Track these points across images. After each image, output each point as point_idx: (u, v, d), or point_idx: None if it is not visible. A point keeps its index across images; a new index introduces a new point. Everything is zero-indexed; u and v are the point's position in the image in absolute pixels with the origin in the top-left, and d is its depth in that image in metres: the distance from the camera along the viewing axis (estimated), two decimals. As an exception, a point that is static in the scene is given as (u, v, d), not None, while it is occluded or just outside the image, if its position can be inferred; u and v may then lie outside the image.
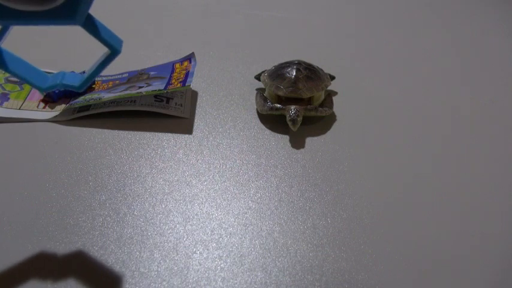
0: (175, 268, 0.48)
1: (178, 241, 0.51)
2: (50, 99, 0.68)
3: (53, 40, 0.83)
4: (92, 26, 0.40)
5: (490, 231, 0.53)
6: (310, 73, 0.67)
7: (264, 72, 0.72)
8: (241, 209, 0.54)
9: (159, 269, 0.48)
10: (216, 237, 0.51)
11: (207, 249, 0.50)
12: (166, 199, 0.55)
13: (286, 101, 0.66)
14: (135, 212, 0.53)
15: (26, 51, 0.79)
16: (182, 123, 0.66)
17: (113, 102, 0.66)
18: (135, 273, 0.47)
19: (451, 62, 0.83)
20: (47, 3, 0.36)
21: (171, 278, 0.47)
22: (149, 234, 0.51)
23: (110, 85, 0.70)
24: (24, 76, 0.44)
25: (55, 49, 0.81)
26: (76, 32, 0.85)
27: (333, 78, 0.74)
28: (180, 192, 0.56)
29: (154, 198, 0.55)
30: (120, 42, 0.43)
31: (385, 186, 0.58)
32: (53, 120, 0.65)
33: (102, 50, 0.81)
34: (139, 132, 0.64)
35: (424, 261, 0.49)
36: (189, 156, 0.61)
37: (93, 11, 0.93)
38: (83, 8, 0.38)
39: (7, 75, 0.72)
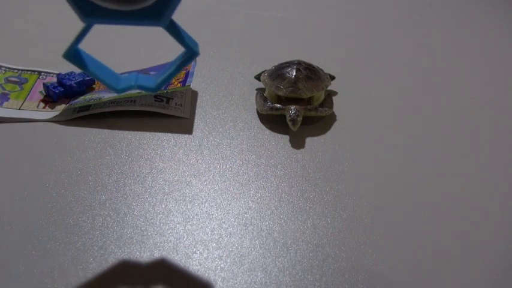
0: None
1: (178, 241, 0.51)
2: (50, 99, 0.68)
3: (53, 40, 0.83)
4: (174, 29, 0.41)
5: (490, 231, 0.53)
6: (310, 73, 0.67)
7: (264, 72, 0.72)
8: (241, 209, 0.54)
9: (159, 269, 0.48)
10: (216, 237, 0.51)
11: (207, 249, 0.50)
12: (166, 199, 0.55)
13: (286, 101, 0.66)
14: (135, 212, 0.53)
15: (26, 50, 0.79)
16: (182, 123, 0.66)
17: (113, 102, 0.66)
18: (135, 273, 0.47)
19: (451, 61, 0.83)
20: (139, 3, 0.37)
21: (171, 278, 0.47)
22: (149, 234, 0.51)
23: (110, 85, 0.70)
24: (102, 77, 0.43)
25: (55, 49, 0.81)
26: (76, 32, 0.85)
27: (333, 78, 0.74)
28: (180, 192, 0.56)
29: (154, 198, 0.55)
30: (197, 44, 0.43)
31: (385, 186, 0.58)
32: (53, 120, 0.65)
33: (101, 51, 0.81)
34: (139, 132, 0.64)
35: (424, 261, 0.49)
36: (189, 156, 0.61)
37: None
38: (170, 10, 0.38)
39: (7, 75, 0.72)
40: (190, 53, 0.42)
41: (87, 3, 0.37)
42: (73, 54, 0.41)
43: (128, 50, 0.81)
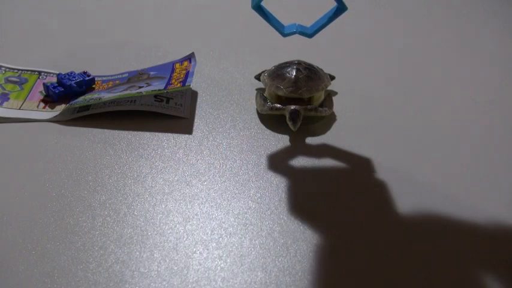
0: (175, 268, 0.48)
1: (178, 241, 0.51)
2: (50, 99, 0.68)
3: (53, 40, 0.83)
4: None
5: (491, 231, 0.53)
6: (310, 73, 0.67)
7: (264, 72, 0.72)
8: (241, 209, 0.54)
9: (159, 269, 0.48)
10: (216, 237, 0.51)
11: (207, 249, 0.50)
12: (166, 199, 0.55)
13: (286, 101, 0.66)
14: (135, 212, 0.54)
15: (26, 50, 0.80)
16: (182, 123, 0.66)
17: (113, 102, 0.66)
18: (135, 273, 0.47)
19: (451, 61, 0.83)
20: None
21: (171, 278, 0.47)
22: (149, 234, 0.51)
23: (109, 85, 0.70)
24: (277, 26, 0.56)
25: (55, 49, 0.81)
26: (76, 32, 0.85)
27: (333, 78, 0.74)
28: (180, 192, 0.56)
29: (154, 198, 0.55)
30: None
31: (385, 186, 0.58)
32: (53, 120, 0.65)
33: (101, 51, 0.81)
34: (140, 132, 0.64)
35: (425, 261, 0.49)
36: (189, 156, 0.61)
37: (91, 10, 0.93)
38: None
39: (7, 75, 0.72)
40: (341, 7, 0.54)
41: None
42: (259, 6, 0.54)
43: (128, 50, 0.81)
